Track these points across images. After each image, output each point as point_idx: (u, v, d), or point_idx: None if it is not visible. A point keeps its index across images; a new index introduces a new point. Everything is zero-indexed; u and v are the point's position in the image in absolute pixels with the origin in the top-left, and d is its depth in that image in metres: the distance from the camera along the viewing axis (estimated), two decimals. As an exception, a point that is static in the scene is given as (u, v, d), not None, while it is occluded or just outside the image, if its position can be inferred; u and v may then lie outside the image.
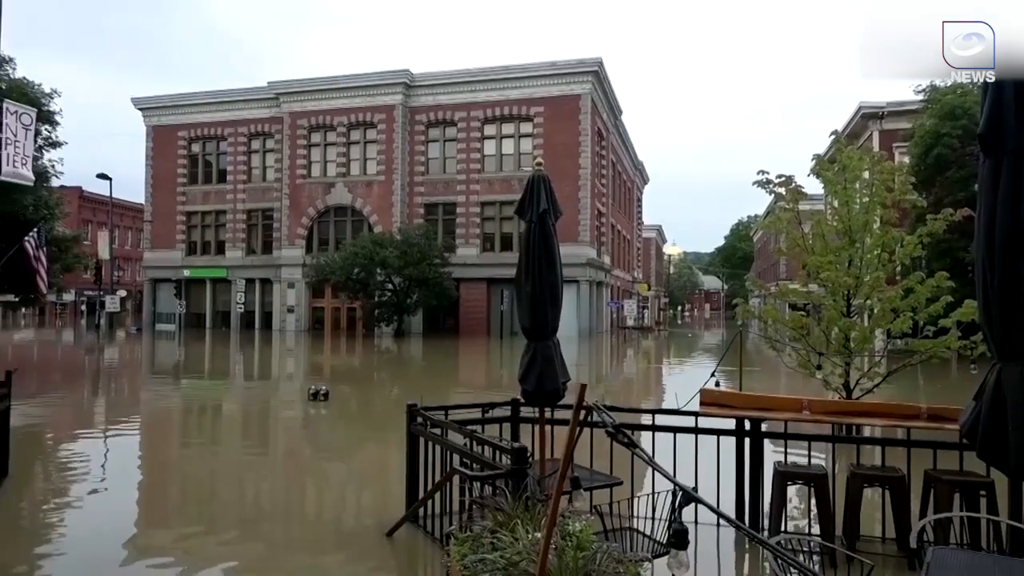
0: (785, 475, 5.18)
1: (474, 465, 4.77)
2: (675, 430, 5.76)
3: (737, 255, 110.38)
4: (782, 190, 9.02)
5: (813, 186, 10.19)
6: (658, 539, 4.14)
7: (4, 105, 14.40)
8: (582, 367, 21.95)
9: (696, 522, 5.29)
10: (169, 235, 46.97)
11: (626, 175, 57.37)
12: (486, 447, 4.83)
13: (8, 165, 14.51)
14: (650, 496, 4.13)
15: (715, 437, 5.64)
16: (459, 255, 39.63)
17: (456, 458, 5.01)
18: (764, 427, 5.61)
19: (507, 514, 3.38)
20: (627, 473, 5.74)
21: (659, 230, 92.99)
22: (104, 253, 44.05)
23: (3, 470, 6.85)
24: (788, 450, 5.67)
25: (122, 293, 51.08)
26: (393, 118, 41.13)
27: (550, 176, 5.00)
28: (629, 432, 2.58)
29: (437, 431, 5.42)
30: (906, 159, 26.49)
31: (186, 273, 46.13)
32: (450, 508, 5.02)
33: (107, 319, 41.60)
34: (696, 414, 5.65)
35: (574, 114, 38.75)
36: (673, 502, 4.15)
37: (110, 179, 39.00)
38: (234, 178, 45.67)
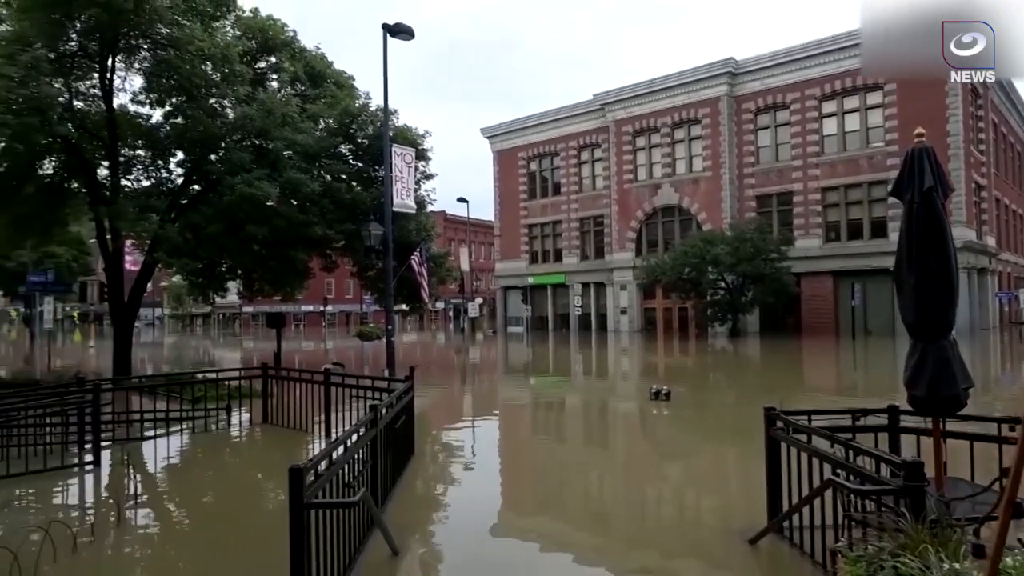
0: None
1: (850, 477, 4.29)
2: None
3: None
4: None
5: None
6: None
7: (393, 148, 17.59)
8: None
9: None
10: (514, 247, 52.34)
11: (1014, 136, 47.03)
12: (864, 458, 4.31)
13: (398, 198, 17.68)
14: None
15: None
16: (798, 247, 36.74)
17: (826, 468, 4.57)
18: None
19: (910, 537, 2.95)
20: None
21: (1065, 200, 74.16)
22: (465, 266, 50.96)
23: (411, 449, 8.28)
24: None
25: (479, 300, 58.53)
26: (718, 111, 39.96)
27: (911, 149, 4.27)
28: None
29: (802, 437, 5.01)
30: None
31: (530, 280, 50.90)
32: (822, 521, 4.60)
33: (469, 323, 48.07)
34: None
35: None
36: None
37: (467, 202, 45.04)
38: (567, 189, 49.02)
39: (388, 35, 15.76)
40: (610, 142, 45.44)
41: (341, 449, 4.52)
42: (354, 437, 4.90)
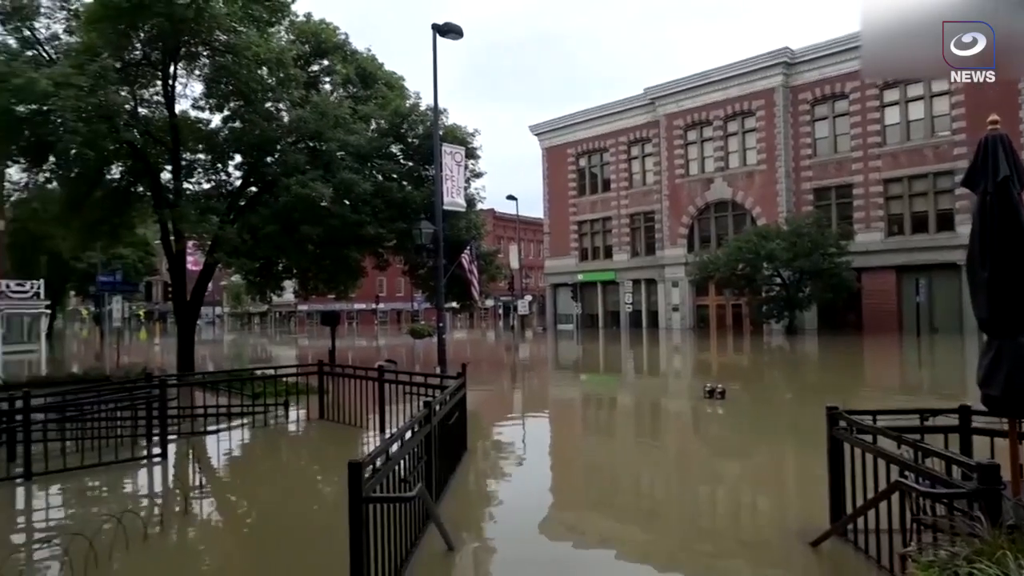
0: None
1: (919, 479, 4.13)
2: None
3: None
4: None
5: None
6: None
7: (443, 147, 17.73)
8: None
9: None
10: (564, 244, 52.17)
11: (1090, 123, 44.45)
12: (934, 459, 4.15)
13: (448, 196, 17.82)
14: None
15: None
16: (858, 242, 35.57)
17: (892, 470, 4.41)
18: None
19: (986, 542, 2.82)
20: None
21: None
22: (514, 264, 50.99)
23: (464, 445, 8.34)
24: None
25: (529, 298, 58.57)
26: (773, 102, 38.99)
27: (985, 137, 4.06)
28: None
29: (867, 437, 4.84)
30: None
31: (580, 277, 50.66)
32: (889, 525, 4.44)
33: (519, 321, 48.08)
34: None
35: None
36: None
37: (516, 199, 45.04)
38: (617, 185, 48.58)
39: (437, 35, 15.89)
40: (661, 136, 44.82)
41: (397, 444, 4.58)
42: (409, 433, 4.96)
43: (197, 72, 17.42)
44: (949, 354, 23.34)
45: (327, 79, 21.74)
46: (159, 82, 17.39)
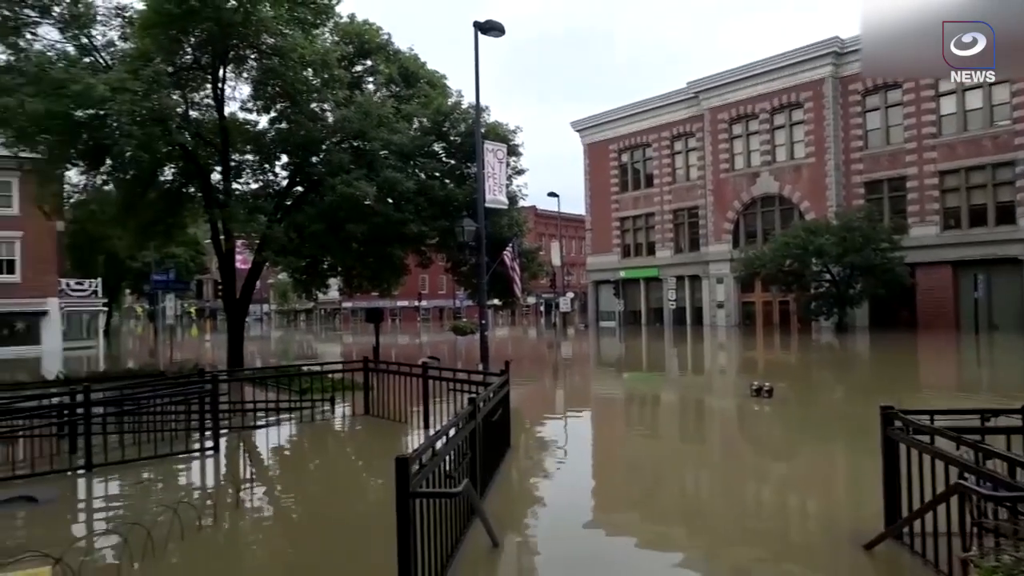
0: None
1: (980, 482, 3.98)
2: None
3: None
4: None
5: None
6: None
7: (485, 145, 17.76)
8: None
9: None
10: (606, 240, 51.81)
11: None
12: (996, 461, 3.99)
13: (490, 194, 17.85)
14: None
15: None
16: (913, 236, 34.44)
17: (950, 472, 4.25)
18: None
19: (1055, 549, 2.70)
20: None
21: None
22: (556, 261, 50.86)
23: (507, 442, 8.35)
24: None
25: (571, 295, 58.34)
26: (822, 93, 38.00)
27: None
28: None
29: (923, 438, 4.68)
30: None
31: (622, 274, 50.27)
32: (948, 528, 4.28)
33: (560, 318, 47.97)
34: None
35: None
36: None
37: (558, 196, 44.91)
38: (660, 181, 48.02)
39: (479, 32, 15.92)
40: (705, 131, 44.13)
41: (443, 440, 4.61)
42: (454, 429, 4.99)
43: (245, 75, 17.80)
44: (1010, 352, 22.43)
45: (370, 79, 21.98)
46: (209, 85, 17.84)
